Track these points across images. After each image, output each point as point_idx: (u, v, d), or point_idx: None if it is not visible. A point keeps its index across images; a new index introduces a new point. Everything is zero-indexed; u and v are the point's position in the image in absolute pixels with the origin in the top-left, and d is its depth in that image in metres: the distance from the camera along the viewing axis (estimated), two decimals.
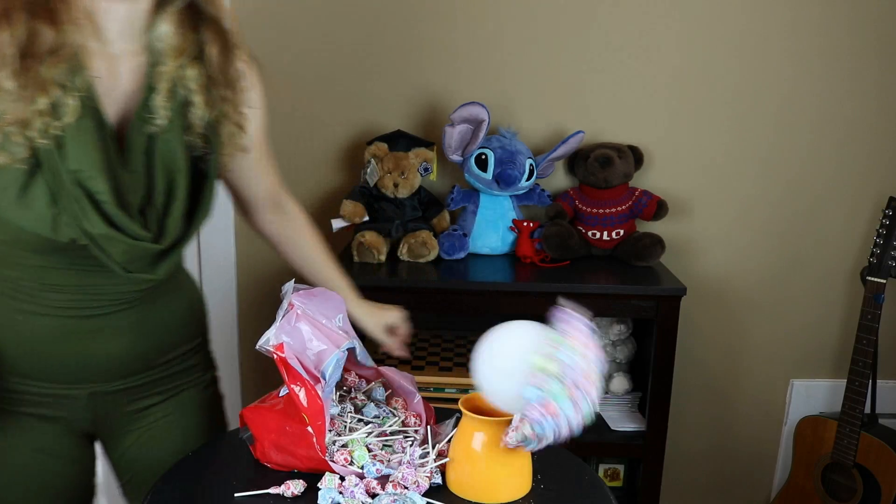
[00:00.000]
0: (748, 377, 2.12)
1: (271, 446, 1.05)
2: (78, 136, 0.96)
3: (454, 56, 1.93)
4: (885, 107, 1.96)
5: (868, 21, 1.90)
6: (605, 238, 1.89)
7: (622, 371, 1.93)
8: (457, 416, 1.09)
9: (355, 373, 1.20)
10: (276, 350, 1.01)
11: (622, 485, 2.01)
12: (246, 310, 2.09)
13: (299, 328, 1.04)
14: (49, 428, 1.10)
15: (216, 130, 1.07)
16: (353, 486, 0.97)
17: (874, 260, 1.81)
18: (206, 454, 1.11)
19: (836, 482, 1.90)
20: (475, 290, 1.71)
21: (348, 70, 1.94)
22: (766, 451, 2.18)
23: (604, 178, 1.86)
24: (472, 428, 0.99)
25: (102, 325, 1.07)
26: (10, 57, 0.91)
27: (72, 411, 1.11)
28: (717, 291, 2.06)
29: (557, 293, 1.71)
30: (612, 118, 1.96)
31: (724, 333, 2.09)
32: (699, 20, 1.91)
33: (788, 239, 2.03)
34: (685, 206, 2.01)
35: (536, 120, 1.96)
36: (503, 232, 1.90)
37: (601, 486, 1.05)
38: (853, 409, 1.83)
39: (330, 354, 1.04)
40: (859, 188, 2.00)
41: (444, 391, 1.74)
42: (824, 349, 2.10)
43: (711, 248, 2.04)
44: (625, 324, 1.92)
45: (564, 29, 1.91)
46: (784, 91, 1.95)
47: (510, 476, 1.00)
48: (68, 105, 0.94)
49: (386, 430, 1.11)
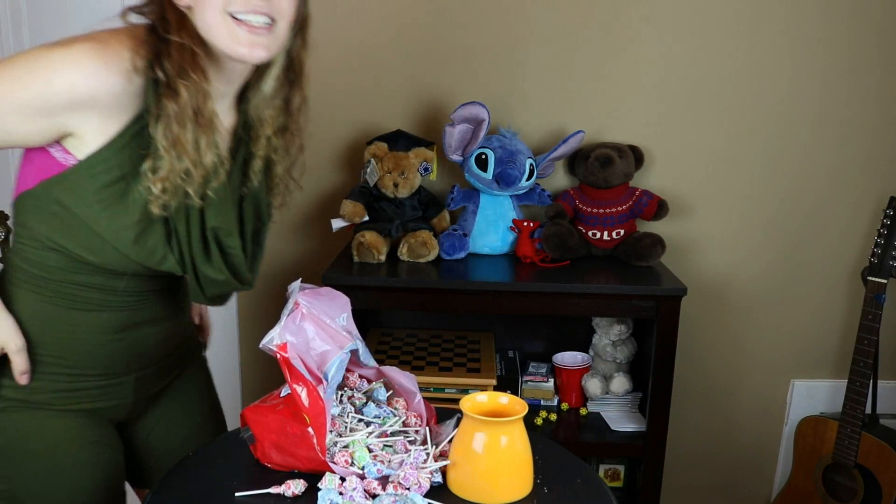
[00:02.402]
0: (749, 377, 2.12)
1: (272, 447, 1.04)
2: (222, 195, 1.10)
3: (454, 56, 1.93)
4: (886, 106, 1.96)
5: (869, 21, 1.90)
6: (606, 238, 1.89)
7: (622, 371, 1.93)
8: (457, 416, 1.09)
9: (357, 373, 1.20)
10: (279, 350, 1.01)
11: (622, 485, 2.01)
12: (246, 310, 2.09)
13: (304, 328, 1.04)
14: (96, 420, 1.15)
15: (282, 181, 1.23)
16: (352, 489, 0.96)
17: (875, 260, 1.81)
18: (206, 454, 1.11)
19: (837, 483, 1.90)
20: (475, 290, 1.70)
21: (348, 70, 1.94)
22: (766, 452, 2.18)
23: (604, 178, 1.86)
24: (473, 428, 0.99)
25: (151, 315, 1.16)
26: (190, 117, 1.01)
27: (117, 399, 1.17)
28: (717, 291, 2.06)
29: (557, 293, 1.72)
30: (612, 118, 1.96)
31: (724, 333, 2.09)
32: (700, 20, 1.91)
33: (789, 239, 2.03)
34: (685, 206, 2.00)
35: (536, 120, 1.96)
36: (503, 232, 1.90)
37: (601, 486, 1.05)
38: (854, 410, 1.83)
39: (333, 355, 1.04)
40: (860, 188, 2.00)
41: (444, 391, 1.74)
42: (825, 349, 2.10)
43: (712, 248, 2.04)
44: (625, 324, 1.92)
45: (565, 29, 1.91)
46: (784, 91, 1.95)
47: (511, 476, 0.99)
48: (221, 166, 1.08)
49: (387, 431, 1.10)
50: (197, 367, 1.34)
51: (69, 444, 1.11)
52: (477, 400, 1.03)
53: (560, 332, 2.06)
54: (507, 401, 1.04)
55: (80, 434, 1.12)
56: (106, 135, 1.01)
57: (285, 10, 1.04)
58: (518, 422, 0.99)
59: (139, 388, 1.20)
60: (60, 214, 1.04)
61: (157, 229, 1.06)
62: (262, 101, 1.14)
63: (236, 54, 1.02)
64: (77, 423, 1.12)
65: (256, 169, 1.17)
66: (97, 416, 1.15)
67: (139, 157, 1.02)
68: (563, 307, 1.71)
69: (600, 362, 1.96)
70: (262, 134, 1.16)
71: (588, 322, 1.99)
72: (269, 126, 1.16)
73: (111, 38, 1.01)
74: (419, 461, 1.02)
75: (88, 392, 1.13)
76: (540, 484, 1.03)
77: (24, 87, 0.97)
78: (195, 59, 1.02)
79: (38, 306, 1.09)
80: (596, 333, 1.97)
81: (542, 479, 1.04)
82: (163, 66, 1.00)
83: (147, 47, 1.01)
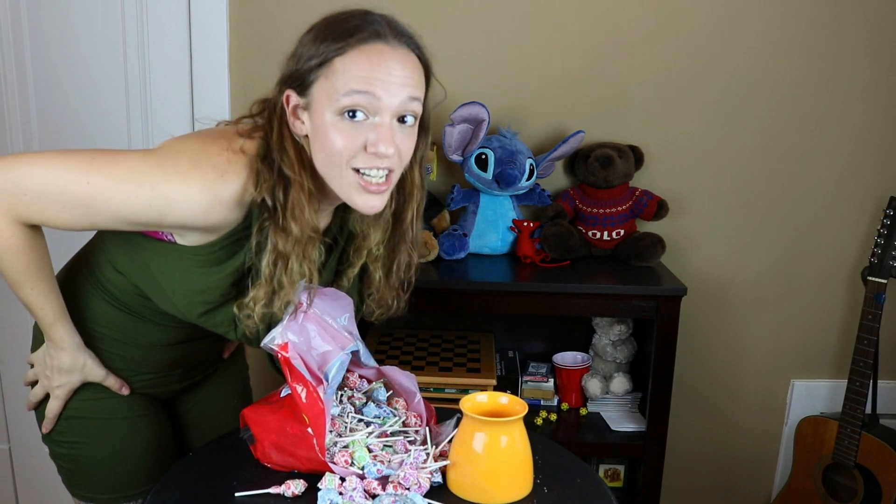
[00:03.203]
0: (749, 377, 2.12)
1: (272, 447, 1.04)
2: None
3: (454, 56, 1.93)
4: (886, 106, 1.95)
5: (868, 21, 1.90)
6: (606, 238, 1.89)
7: (622, 371, 1.93)
8: (457, 416, 1.09)
9: (357, 373, 1.20)
10: (280, 349, 1.01)
11: (622, 485, 2.01)
12: None
13: (306, 327, 1.04)
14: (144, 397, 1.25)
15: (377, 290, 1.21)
16: (352, 489, 0.96)
17: (875, 260, 1.81)
18: (206, 453, 1.11)
19: (837, 483, 1.90)
20: (475, 290, 1.70)
21: None
22: (766, 452, 2.18)
23: (604, 178, 1.86)
24: (473, 428, 0.99)
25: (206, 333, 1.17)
26: (297, 253, 1.02)
27: (164, 387, 1.27)
28: (717, 291, 2.06)
29: (557, 293, 1.72)
30: (612, 118, 1.96)
31: (724, 333, 2.09)
32: (700, 20, 1.91)
33: (789, 239, 2.03)
34: (686, 206, 2.00)
35: (536, 120, 1.96)
36: (503, 232, 1.90)
37: (601, 486, 1.05)
38: (854, 410, 1.83)
39: (335, 356, 1.04)
40: (860, 188, 2.00)
41: (444, 391, 1.74)
42: (825, 349, 2.10)
43: (712, 248, 2.04)
44: (625, 324, 1.92)
45: (564, 28, 1.91)
46: (784, 91, 1.95)
47: (511, 477, 0.99)
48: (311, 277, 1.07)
49: (387, 431, 1.11)
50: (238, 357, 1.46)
51: (122, 417, 1.21)
52: (477, 400, 1.03)
53: (560, 332, 2.06)
54: (507, 401, 1.04)
55: (130, 409, 1.21)
56: (202, 241, 1.05)
57: (405, 160, 1.03)
58: (518, 422, 0.99)
59: (185, 378, 1.30)
60: (141, 265, 1.10)
61: (227, 310, 1.09)
62: (368, 217, 1.13)
63: (352, 204, 1.02)
64: (128, 400, 1.22)
65: (350, 275, 1.17)
66: (158, 398, 1.28)
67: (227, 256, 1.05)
68: (563, 307, 1.71)
69: (600, 362, 1.96)
70: (364, 246, 1.15)
71: (588, 322, 1.99)
72: (373, 240, 1.14)
73: (229, 168, 0.99)
74: (419, 461, 1.02)
75: (140, 382, 1.23)
76: (540, 484, 1.03)
77: (136, 214, 0.99)
78: (311, 198, 1.01)
79: (105, 308, 1.17)
80: (596, 333, 1.97)
81: (542, 479, 1.04)
82: (275, 199, 1.00)
83: (260, 178, 1.00)
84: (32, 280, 1.07)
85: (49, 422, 1.19)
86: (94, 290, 1.17)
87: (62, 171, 0.98)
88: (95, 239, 1.20)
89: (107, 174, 0.98)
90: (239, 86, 1.92)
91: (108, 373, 1.18)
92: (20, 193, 0.98)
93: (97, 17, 1.88)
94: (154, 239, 1.07)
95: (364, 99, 0.96)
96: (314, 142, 1.00)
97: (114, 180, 0.97)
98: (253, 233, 1.03)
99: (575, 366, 1.95)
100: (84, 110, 1.93)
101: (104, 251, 1.15)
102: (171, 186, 0.97)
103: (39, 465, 2.14)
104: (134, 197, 0.97)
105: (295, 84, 1.00)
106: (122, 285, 1.14)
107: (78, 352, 1.15)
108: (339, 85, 0.96)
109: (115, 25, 1.88)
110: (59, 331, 1.12)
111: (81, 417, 1.19)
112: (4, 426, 2.12)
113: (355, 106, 0.96)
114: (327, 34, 0.99)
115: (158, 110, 1.93)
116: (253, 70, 1.92)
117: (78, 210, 0.99)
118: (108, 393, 1.20)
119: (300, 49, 1.01)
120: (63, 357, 1.14)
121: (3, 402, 2.11)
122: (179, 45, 1.89)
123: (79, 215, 1.00)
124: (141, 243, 1.08)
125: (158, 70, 1.91)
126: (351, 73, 0.96)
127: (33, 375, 1.21)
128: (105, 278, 1.15)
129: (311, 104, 0.99)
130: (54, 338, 1.13)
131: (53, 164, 0.98)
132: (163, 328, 1.18)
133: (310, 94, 0.99)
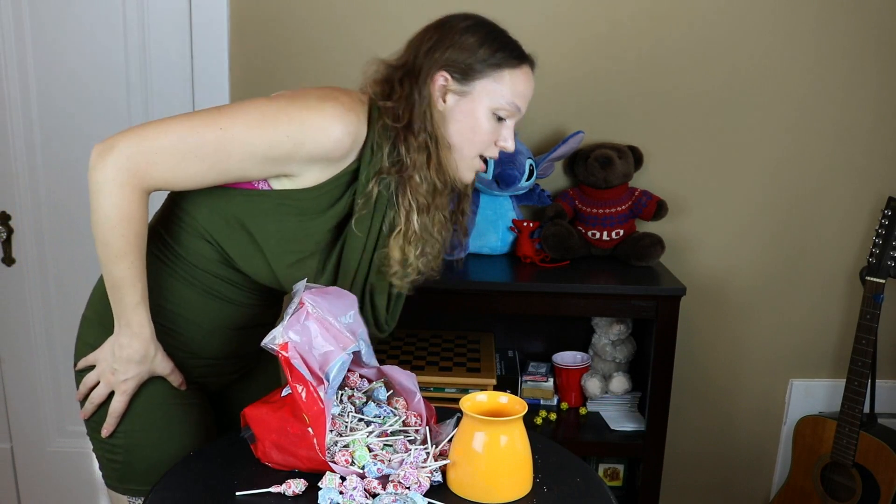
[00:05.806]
0: (747, 377, 2.13)
1: (272, 446, 1.05)
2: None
3: None
4: (884, 107, 1.96)
5: (867, 21, 1.91)
6: (605, 238, 1.90)
7: (622, 371, 1.94)
8: (457, 415, 1.10)
9: (358, 372, 1.20)
10: (280, 349, 1.01)
11: (622, 484, 2.01)
12: None
13: (308, 327, 1.04)
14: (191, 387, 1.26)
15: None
16: (353, 489, 0.97)
17: (873, 260, 1.81)
18: (207, 453, 1.11)
19: (836, 482, 1.90)
20: (475, 290, 1.71)
21: (348, 69, 1.94)
22: (765, 451, 2.18)
23: (604, 178, 1.86)
24: (472, 428, 0.99)
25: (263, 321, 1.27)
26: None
27: (215, 377, 1.30)
28: (716, 291, 2.06)
29: (557, 293, 1.73)
30: (612, 118, 1.97)
31: (723, 333, 2.09)
32: (700, 20, 1.91)
33: (788, 239, 2.04)
34: (685, 207, 2.01)
35: (536, 120, 1.97)
36: (503, 232, 1.90)
37: (601, 485, 1.05)
38: (852, 409, 1.83)
39: (336, 356, 1.04)
40: (858, 188, 2.01)
41: (444, 391, 1.74)
42: (823, 349, 2.11)
43: (711, 248, 2.04)
44: (625, 324, 1.92)
45: (564, 28, 1.92)
46: (783, 91, 1.95)
47: (511, 476, 1.00)
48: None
49: (387, 430, 1.11)
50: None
51: (169, 406, 1.22)
52: (477, 399, 1.03)
53: (560, 331, 2.06)
54: (506, 400, 1.04)
55: (185, 395, 1.24)
56: (315, 181, 1.12)
57: None
58: (518, 421, 0.99)
59: (234, 371, 1.33)
60: (230, 221, 1.13)
61: (314, 261, 1.16)
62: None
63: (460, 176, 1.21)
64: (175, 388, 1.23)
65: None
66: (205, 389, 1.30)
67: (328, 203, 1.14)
68: (563, 307, 1.72)
69: (600, 362, 1.96)
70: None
71: (588, 322, 2.00)
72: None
73: (353, 107, 1.11)
74: (419, 460, 1.03)
75: (197, 369, 1.25)
76: (540, 483, 1.03)
77: (272, 147, 1.06)
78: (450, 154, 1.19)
79: (179, 286, 1.19)
80: (595, 333, 1.97)
81: (542, 479, 1.04)
82: (414, 155, 1.14)
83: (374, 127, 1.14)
84: (136, 252, 1.08)
85: (112, 421, 1.18)
86: (170, 268, 1.18)
87: (193, 126, 1.04)
88: (169, 215, 1.19)
89: (238, 118, 1.05)
90: (239, 80, 1.93)
91: (174, 367, 1.19)
92: (151, 159, 1.03)
93: (98, 11, 1.88)
94: (247, 190, 1.12)
95: (514, 110, 1.19)
96: (454, 122, 1.17)
97: (246, 121, 1.05)
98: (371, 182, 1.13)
99: (574, 365, 1.96)
100: (85, 105, 1.94)
101: (187, 223, 1.17)
102: (309, 114, 1.06)
103: (41, 463, 2.15)
104: (271, 131, 1.05)
105: (456, 71, 1.15)
106: (206, 253, 1.17)
107: (151, 342, 1.15)
108: (506, 93, 1.17)
109: (116, 21, 1.89)
110: (140, 314, 1.12)
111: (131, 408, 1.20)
112: (6, 425, 2.13)
113: (508, 114, 1.19)
114: (497, 45, 1.17)
115: (159, 105, 1.94)
116: (253, 65, 1.92)
117: (209, 159, 1.05)
118: (161, 381, 1.20)
119: (465, 44, 1.15)
120: (136, 345, 1.13)
121: (5, 402, 2.12)
122: (180, 39, 1.90)
123: (208, 166, 1.05)
124: (233, 198, 1.12)
125: (159, 65, 1.92)
126: (515, 89, 1.18)
127: (96, 376, 1.18)
128: (185, 251, 1.17)
129: (469, 94, 1.16)
130: (133, 322, 1.12)
131: (182, 123, 1.05)
132: (232, 307, 1.22)
133: (471, 85, 1.15)
